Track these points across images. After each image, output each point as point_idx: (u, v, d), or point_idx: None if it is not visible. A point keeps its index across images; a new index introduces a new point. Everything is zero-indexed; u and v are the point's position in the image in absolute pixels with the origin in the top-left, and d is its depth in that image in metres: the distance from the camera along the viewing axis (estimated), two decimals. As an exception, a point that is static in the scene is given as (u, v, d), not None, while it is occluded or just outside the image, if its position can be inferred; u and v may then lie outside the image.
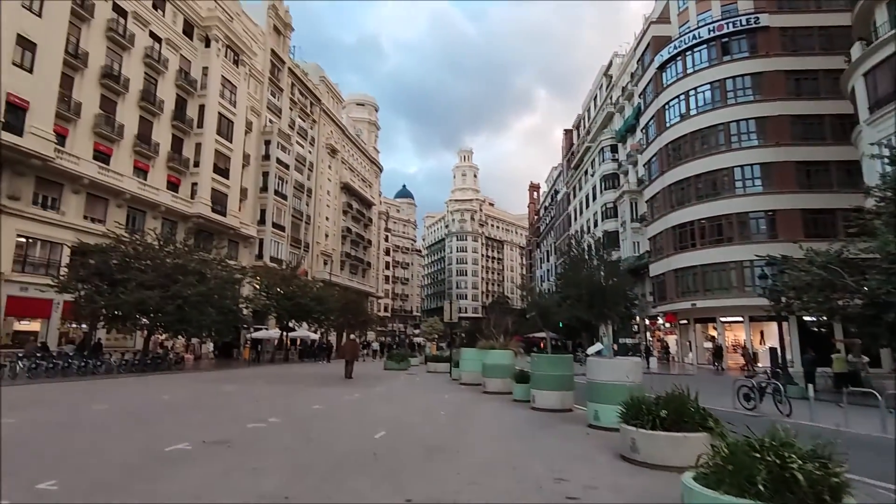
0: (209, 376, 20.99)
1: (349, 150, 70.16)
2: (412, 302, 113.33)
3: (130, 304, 21.73)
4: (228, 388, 14.65)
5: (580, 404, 11.17)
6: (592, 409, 8.85)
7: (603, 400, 8.60)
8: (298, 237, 51.68)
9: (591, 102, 65.29)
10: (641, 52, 43.64)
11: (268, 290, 36.31)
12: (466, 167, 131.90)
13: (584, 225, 59.84)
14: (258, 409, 10.16)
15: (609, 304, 8.38)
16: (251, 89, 45.56)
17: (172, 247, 26.15)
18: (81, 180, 28.10)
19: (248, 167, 44.52)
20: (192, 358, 34.01)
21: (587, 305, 8.08)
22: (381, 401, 12.35)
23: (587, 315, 8.58)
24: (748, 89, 34.39)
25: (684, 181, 36.42)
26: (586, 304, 8.13)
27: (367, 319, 53.04)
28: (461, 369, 16.86)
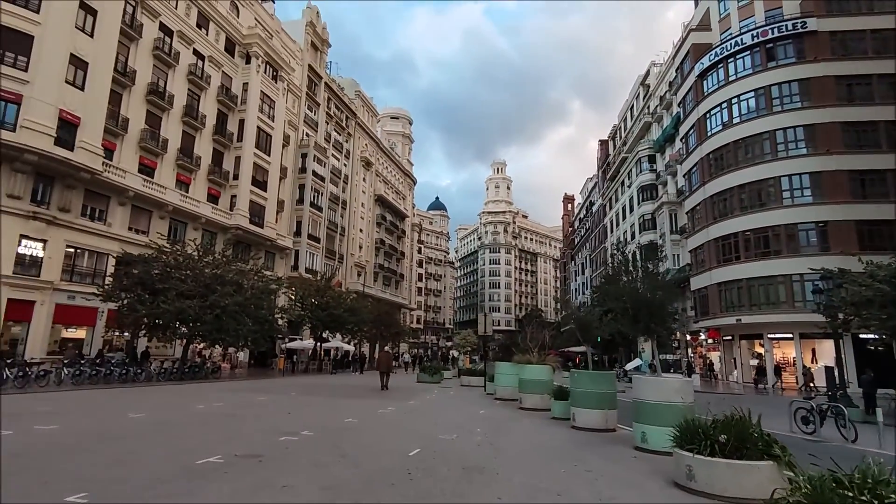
0: (244, 386, 21.14)
1: (383, 163, 70.89)
2: (444, 314, 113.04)
3: (171, 313, 22.17)
4: (262, 398, 14.62)
5: (623, 424, 10.60)
6: (639, 430, 8.32)
7: (651, 421, 8.07)
8: (333, 248, 52.24)
9: (627, 112, 64.16)
10: (680, 61, 42.61)
11: (302, 300, 36.67)
12: (500, 179, 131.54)
13: (621, 237, 58.45)
14: (291, 421, 10.00)
15: (656, 318, 7.89)
16: (289, 104, 46.57)
17: (211, 257, 26.67)
18: (127, 193, 29.07)
19: (286, 180, 45.37)
20: (229, 367, 34.66)
21: (632, 319, 7.63)
22: (415, 415, 12.04)
23: (631, 330, 8.10)
24: (795, 96, 33.00)
25: (727, 191, 35.10)
26: (630, 319, 7.67)
27: (400, 331, 52.98)
28: (496, 384, 16.40)
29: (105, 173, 27.42)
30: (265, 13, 44.60)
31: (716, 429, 5.85)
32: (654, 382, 8.25)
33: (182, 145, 34.09)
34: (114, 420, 9.70)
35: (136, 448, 7.16)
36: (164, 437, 8.12)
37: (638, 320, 7.56)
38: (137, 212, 30.49)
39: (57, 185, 25.80)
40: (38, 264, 24.85)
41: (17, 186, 23.88)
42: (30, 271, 24.43)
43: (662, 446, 7.83)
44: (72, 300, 25.98)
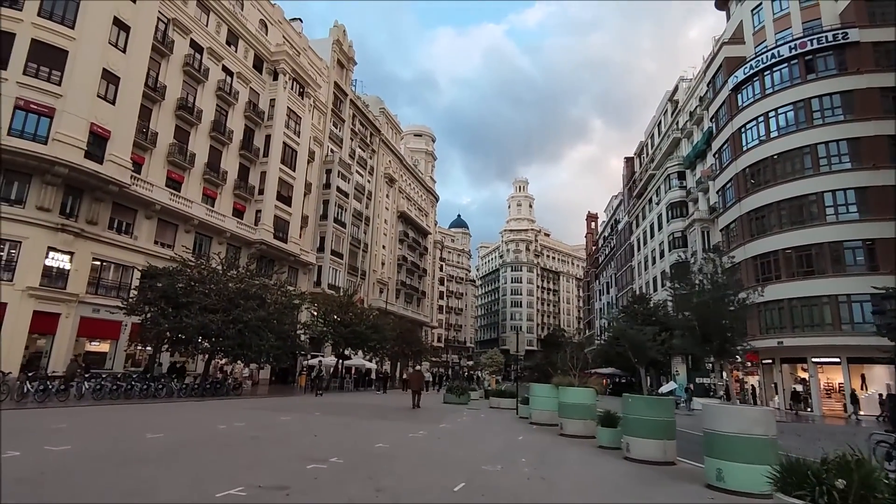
0: (266, 403, 20.46)
1: (406, 180, 70.80)
2: (466, 333, 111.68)
3: (194, 328, 21.74)
4: (285, 418, 13.88)
5: (683, 456, 9.56)
6: (712, 465, 7.30)
7: (728, 456, 7.07)
8: (356, 265, 51.86)
9: (654, 129, 63.07)
10: (712, 75, 41.58)
11: (325, 316, 36.12)
12: (521, 197, 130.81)
13: (649, 255, 56.98)
14: (318, 446, 9.21)
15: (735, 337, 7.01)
16: (315, 120, 46.77)
17: (235, 271, 26.32)
18: (154, 206, 29.07)
19: (310, 195, 45.31)
20: (251, 384, 34.09)
21: (699, 338, 6.82)
22: (449, 440, 11.14)
23: (699, 350, 7.30)
24: (837, 108, 31.70)
25: (765, 208, 33.72)
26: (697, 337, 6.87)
27: (422, 349, 52.07)
28: (532, 407, 15.38)
29: (133, 186, 27.47)
30: (293, 31, 45.10)
31: (828, 471, 4.87)
32: (731, 411, 7.27)
33: (209, 160, 34.19)
34: (130, 441, 9.04)
35: (152, 475, 6.45)
36: (182, 462, 7.40)
37: (709, 340, 6.69)
38: (163, 225, 30.47)
39: (85, 198, 25.85)
40: (65, 276, 24.78)
41: (47, 199, 23.93)
42: (56, 283, 24.35)
43: (743, 486, 6.83)
44: (96, 313, 25.82)
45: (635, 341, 10.07)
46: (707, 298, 7.69)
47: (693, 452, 9.73)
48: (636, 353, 10.06)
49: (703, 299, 7.73)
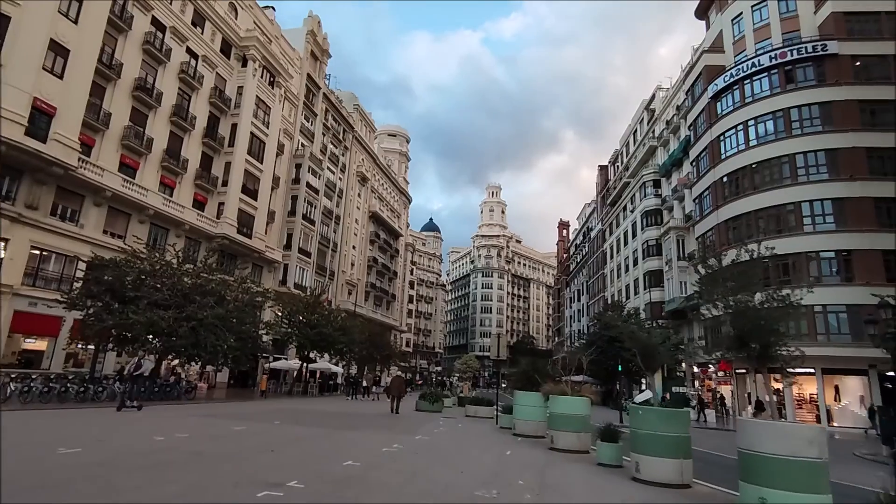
0: (221, 409, 18.55)
1: (379, 180, 69.08)
2: (434, 338, 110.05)
3: (141, 325, 19.63)
4: (239, 427, 12.15)
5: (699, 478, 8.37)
6: (752, 493, 6.08)
7: (773, 482, 5.85)
8: (324, 264, 49.84)
9: (629, 137, 63.21)
10: (692, 83, 41.52)
11: (290, 317, 34.13)
12: (494, 202, 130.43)
13: (622, 263, 56.81)
14: (274, 464, 7.63)
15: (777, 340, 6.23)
16: (285, 112, 44.75)
17: (191, 265, 24.24)
18: (104, 192, 26.71)
19: (278, 190, 43.21)
20: (206, 387, 31.81)
21: (738, 340, 5.90)
22: (430, 455, 9.68)
23: (738, 356, 6.43)
24: (816, 119, 31.76)
25: (743, 216, 33.52)
26: (736, 339, 5.94)
27: (391, 353, 50.32)
28: (517, 417, 14.05)
29: (80, 170, 25.13)
30: (265, 18, 43.06)
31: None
32: (777, 430, 6.07)
33: (168, 146, 31.89)
34: (35, 459, 7.27)
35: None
36: (94, 489, 5.73)
37: (745, 344, 5.70)
38: (114, 214, 28.08)
39: (25, 180, 23.44)
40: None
41: (-22, 177, 21.47)
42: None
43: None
44: (33, 307, 23.36)
45: (646, 345, 8.87)
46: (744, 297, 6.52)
47: (698, 470, 8.57)
48: (646, 358, 8.86)
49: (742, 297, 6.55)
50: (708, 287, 7.61)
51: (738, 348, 6.70)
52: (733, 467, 11.75)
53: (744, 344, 6.59)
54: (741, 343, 6.64)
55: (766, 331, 6.37)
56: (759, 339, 6.36)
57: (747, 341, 6.54)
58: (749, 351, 6.51)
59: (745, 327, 6.48)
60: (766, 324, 6.41)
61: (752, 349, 6.41)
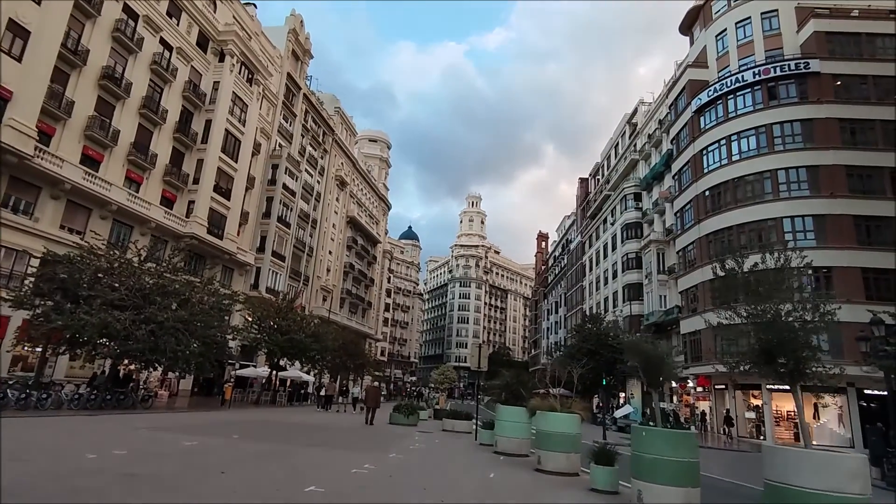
0: (176, 421, 17.11)
1: (358, 185, 67.83)
2: (410, 347, 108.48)
3: (93, 326, 18.07)
4: (190, 443, 10.86)
5: None
6: (782, 534, 5.21)
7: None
8: (299, 269, 48.28)
9: (611, 150, 63.39)
10: (675, 97, 41.61)
11: (260, 322, 32.56)
12: (474, 212, 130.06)
13: (602, 275, 56.56)
14: (219, 491, 6.48)
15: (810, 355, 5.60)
16: (263, 111, 43.38)
17: (154, 264, 22.70)
18: (62, 185, 25.01)
19: (252, 190, 41.71)
20: (167, 395, 30.03)
21: (765, 354, 5.28)
22: (405, 479, 8.60)
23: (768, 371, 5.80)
24: (798, 136, 31.91)
25: (725, 230, 33.39)
26: (762, 353, 5.32)
27: (365, 362, 48.81)
28: (499, 433, 13.06)
29: (37, 159, 23.46)
30: (245, 14, 41.79)
31: None
32: (812, 459, 5.21)
33: (137, 140, 30.29)
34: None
35: None
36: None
37: (773, 359, 4.98)
38: (73, 208, 26.37)
39: (-26, 167, 21.70)
40: (-64, 259, 20.46)
41: (-82, 162, 19.73)
42: (-78, 266, 20.01)
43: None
44: (-25, 305, 21.45)
45: (650, 357, 8.01)
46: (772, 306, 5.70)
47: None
48: (649, 372, 8.00)
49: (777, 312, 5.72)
50: (725, 292, 6.74)
51: (765, 363, 5.86)
52: (731, 491, 10.98)
53: (771, 358, 5.75)
54: (768, 357, 5.80)
55: (799, 345, 5.54)
56: (791, 353, 5.53)
57: (776, 356, 5.71)
58: (777, 366, 5.68)
59: (774, 340, 5.64)
60: (797, 337, 5.59)
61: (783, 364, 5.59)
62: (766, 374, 5.97)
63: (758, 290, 6.07)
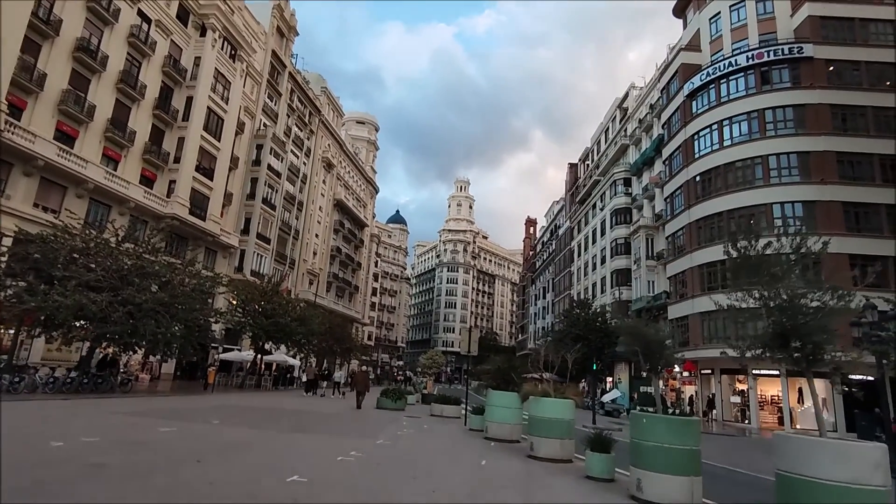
0: (155, 405, 16.56)
1: (346, 167, 66.75)
2: (398, 332, 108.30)
3: (67, 308, 17.36)
4: (167, 429, 10.36)
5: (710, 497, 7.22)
6: (797, 527, 4.90)
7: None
8: (284, 252, 47.47)
9: (601, 135, 62.98)
10: (667, 81, 41.19)
11: (244, 305, 31.91)
12: (462, 197, 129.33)
13: (590, 261, 56.52)
14: (194, 482, 6.02)
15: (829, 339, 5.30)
16: (247, 89, 42.15)
17: (132, 245, 21.89)
18: (35, 161, 23.96)
19: (236, 171, 40.66)
20: (148, 378, 29.41)
21: (779, 338, 5.02)
22: (393, 468, 8.22)
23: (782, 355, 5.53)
24: (790, 121, 31.71)
25: (715, 216, 33.28)
26: (777, 337, 5.07)
27: (352, 347, 48.44)
28: (489, 418, 12.73)
29: (7, 134, 22.39)
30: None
31: None
32: (829, 449, 4.88)
33: (114, 116, 29.16)
34: None
35: None
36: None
37: (787, 344, 4.67)
38: (48, 186, 25.36)
39: (-61, 141, 20.63)
40: None
41: None
42: None
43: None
44: (-56, 286, 20.55)
45: (650, 342, 7.66)
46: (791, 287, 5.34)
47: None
48: (649, 355, 7.65)
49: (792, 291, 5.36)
50: (738, 272, 6.35)
51: (780, 347, 5.51)
52: (727, 477, 10.70)
53: (786, 343, 5.40)
54: (783, 341, 5.45)
55: (816, 328, 5.19)
56: (807, 337, 5.18)
57: (790, 340, 5.36)
58: (792, 351, 5.33)
59: (789, 323, 5.28)
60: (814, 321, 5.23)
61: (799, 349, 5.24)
62: (779, 359, 5.60)
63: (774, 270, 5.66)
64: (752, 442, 22.96)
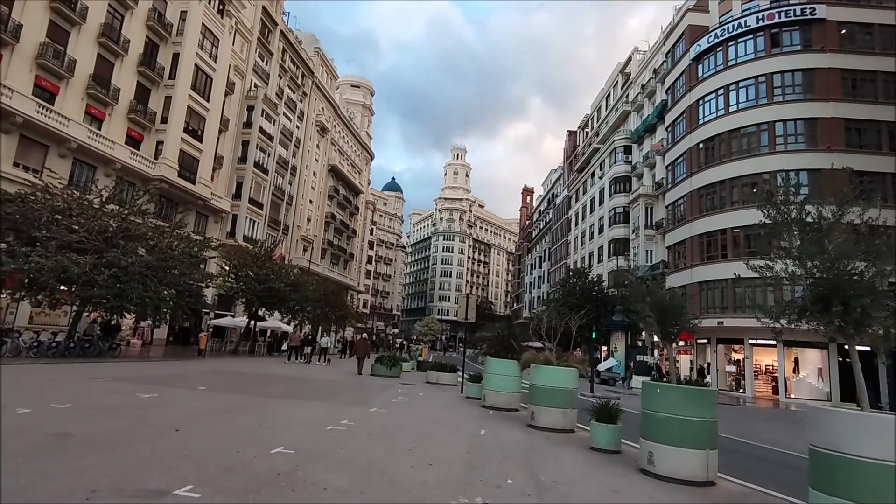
0: (142, 371, 16.09)
1: (340, 132, 65.20)
2: (393, 300, 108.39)
3: (49, 270, 16.68)
4: (148, 395, 9.84)
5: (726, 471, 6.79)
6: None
7: (867, 496, 4.20)
8: (278, 218, 46.61)
9: (602, 102, 61.54)
10: (672, 44, 39.80)
11: (237, 270, 31.29)
12: (459, 165, 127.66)
13: (588, 230, 55.95)
14: (169, 453, 5.50)
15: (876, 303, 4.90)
16: (237, 47, 40.49)
17: (117, 206, 21.06)
18: (13, 118, 22.86)
19: (226, 133, 39.42)
20: (140, 344, 28.98)
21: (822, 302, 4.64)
22: (387, 438, 7.75)
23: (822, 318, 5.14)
24: (798, 86, 30.72)
25: (717, 184, 32.58)
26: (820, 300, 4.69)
27: (347, 314, 48.12)
28: (487, 387, 12.31)
29: (-19, 87, 21.26)
30: (215, -63, 38.18)
31: None
32: (876, 425, 4.36)
33: (96, 72, 27.85)
34: None
35: None
36: None
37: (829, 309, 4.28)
38: (28, 144, 24.32)
39: None
40: None
41: None
42: None
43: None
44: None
45: (664, 308, 7.11)
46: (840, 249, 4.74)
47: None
48: (664, 323, 7.11)
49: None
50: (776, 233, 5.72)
51: (821, 312, 4.95)
52: (737, 450, 10.20)
53: (827, 307, 4.83)
54: (825, 305, 4.88)
55: (865, 288, 4.60)
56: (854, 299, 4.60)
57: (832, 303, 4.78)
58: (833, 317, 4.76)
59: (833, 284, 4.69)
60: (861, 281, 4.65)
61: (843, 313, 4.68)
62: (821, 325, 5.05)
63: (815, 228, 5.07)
64: (750, 411, 22.88)
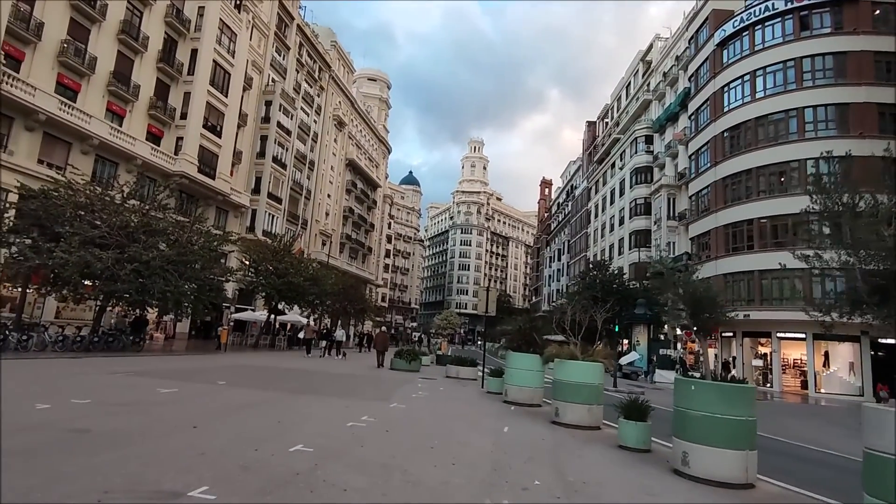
0: (164, 365, 16.19)
1: (357, 126, 65.18)
2: (411, 293, 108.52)
3: (72, 265, 16.86)
4: (167, 390, 9.81)
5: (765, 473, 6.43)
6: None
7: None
8: (296, 212, 46.80)
9: (622, 91, 60.37)
10: (696, 30, 38.72)
11: (256, 265, 31.46)
12: (476, 158, 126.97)
13: (608, 222, 55.10)
14: (186, 452, 5.36)
15: None
16: (254, 42, 40.56)
17: (138, 202, 21.22)
18: (37, 115, 23.16)
19: (245, 128, 39.59)
20: (163, 338, 29.35)
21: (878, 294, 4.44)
22: (407, 435, 7.55)
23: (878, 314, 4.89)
24: (829, 70, 29.62)
25: (743, 174, 31.67)
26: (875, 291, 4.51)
27: (365, 307, 48.20)
28: (509, 382, 12.05)
29: (5, 86, 21.53)
30: (231, -68, 38.20)
31: None
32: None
33: (116, 68, 28.10)
34: None
35: None
36: None
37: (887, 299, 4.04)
38: (51, 142, 24.65)
39: (-65, 93, 19.85)
40: None
41: None
42: None
43: None
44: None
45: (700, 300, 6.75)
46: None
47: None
48: (698, 316, 6.76)
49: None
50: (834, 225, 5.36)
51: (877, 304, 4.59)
52: (774, 449, 9.70)
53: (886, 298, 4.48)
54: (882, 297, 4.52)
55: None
56: None
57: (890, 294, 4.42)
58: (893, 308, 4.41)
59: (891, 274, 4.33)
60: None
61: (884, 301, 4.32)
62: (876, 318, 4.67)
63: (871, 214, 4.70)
64: (779, 406, 22.22)
